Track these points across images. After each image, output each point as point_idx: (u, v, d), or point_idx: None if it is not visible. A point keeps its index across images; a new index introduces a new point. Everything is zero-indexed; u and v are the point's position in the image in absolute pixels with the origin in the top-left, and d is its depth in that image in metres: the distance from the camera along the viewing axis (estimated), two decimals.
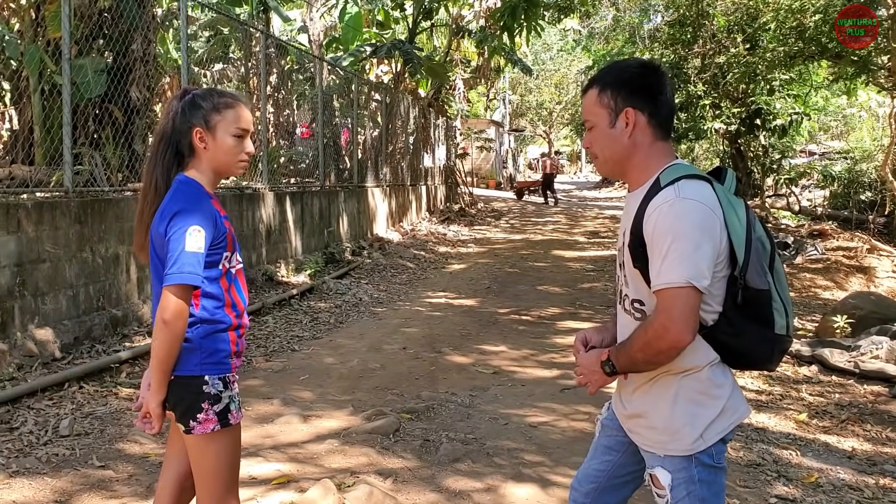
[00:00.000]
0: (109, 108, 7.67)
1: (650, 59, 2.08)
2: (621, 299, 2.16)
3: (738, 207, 1.97)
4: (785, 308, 1.99)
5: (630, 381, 2.12)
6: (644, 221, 1.95)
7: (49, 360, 5.55)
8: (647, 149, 2.05)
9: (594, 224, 20.33)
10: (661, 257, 1.89)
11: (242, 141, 2.38)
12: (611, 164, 2.12)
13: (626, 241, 2.07)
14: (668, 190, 1.93)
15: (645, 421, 2.09)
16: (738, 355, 2.01)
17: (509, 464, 4.15)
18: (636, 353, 1.96)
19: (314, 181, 12.76)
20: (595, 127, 2.09)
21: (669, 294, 1.88)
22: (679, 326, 1.86)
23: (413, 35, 19.22)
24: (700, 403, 2.01)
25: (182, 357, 2.30)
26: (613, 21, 25.35)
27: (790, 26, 13.23)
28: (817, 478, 4.12)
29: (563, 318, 8.45)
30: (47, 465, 4.00)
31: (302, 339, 7.21)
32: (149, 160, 2.41)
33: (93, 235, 6.21)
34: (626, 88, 2.02)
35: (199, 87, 2.44)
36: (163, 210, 2.29)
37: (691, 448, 2.00)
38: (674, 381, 2.02)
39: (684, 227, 1.88)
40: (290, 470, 4.00)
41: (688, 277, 1.85)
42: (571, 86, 49.64)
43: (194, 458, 2.41)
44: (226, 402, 2.34)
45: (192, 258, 2.21)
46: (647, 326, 1.94)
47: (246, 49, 12.34)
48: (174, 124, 2.36)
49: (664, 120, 2.05)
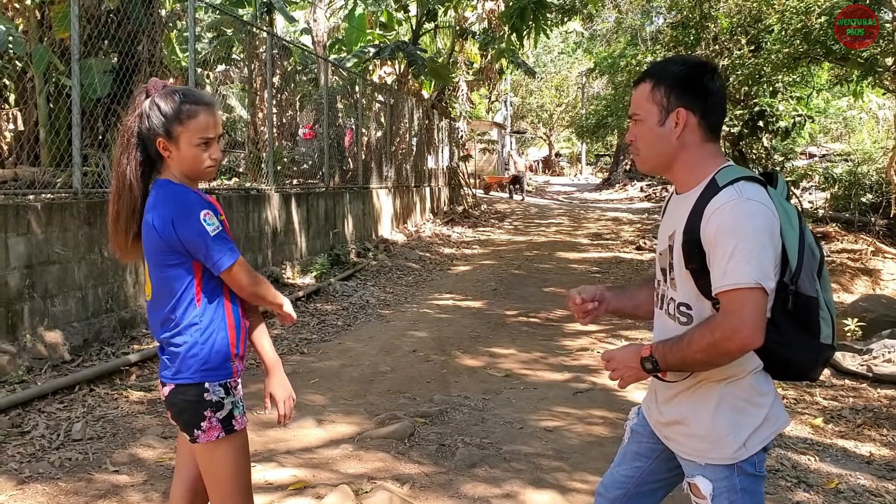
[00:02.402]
0: (115, 108, 7.63)
1: (706, 58, 2.03)
2: (663, 304, 2.11)
3: (791, 213, 1.94)
4: (831, 317, 1.95)
5: (667, 386, 2.08)
6: (703, 222, 1.90)
7: (58, 362, 5.51)
8: (696, 150, 2.00)
9: (597, 226, 20.28)
10: (727, 258, 1.83)
11: (208, 148, 2.29)
12: (654, 161, 2.07)
13: (673, 243, 2.02)
14: (728, 190, 1.89)
15: (684, 428, 2.05)
16: (782, 363, 1.96)
17: (527, 469, 4.11)
18: (695, 354, 1.89)
19: (318, 182, 12.73)
20: (643, 122, 2.04)
21: (739, 295, 1.82)
22: (750, 329, 1.81)
23: (417, 37, 19.19)
24: (743, 411, 1.97)
25: (180, 364, 2.27)
26: (615, 23, 25.37)
27: (795, 28, 13.19)
28: (837, 483, 4.07)
29: (570, 320, 8.39)
30: (60, 470, 3.96)
31: (310, 341, 7.17)
32: (117, 158, 2.31)
33: (101, 237, 6.17)
34: (680, 87, 1.98)
35: (164, 85, 2.31)
36: (156, 217, 2.23)
37: (734, 457, 1.96)
38: (716, 388, 1.98)
39: (749, 227, 1.83)
40: (305, 475, 3.96)
41: (757, 278, 1.81)
42: (572, 88, 49.70)
43: (204, 466, 2.38)
44: (229, 409, 2.31)
45: (220, 238, 2.24)
46: (712, 327, 1.86)
47: (250, 50, 12.32)
48: (140, 124, 2.28)
49: (715, 121, 2.01)
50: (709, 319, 1.92)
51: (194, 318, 2.28)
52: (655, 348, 1.98)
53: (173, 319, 2.29)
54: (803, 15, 12.88)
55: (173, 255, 2.26)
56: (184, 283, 2.28)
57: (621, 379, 2.09)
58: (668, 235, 2.07)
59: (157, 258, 2.28)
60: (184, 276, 2.28)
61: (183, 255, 2.25)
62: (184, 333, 2.28)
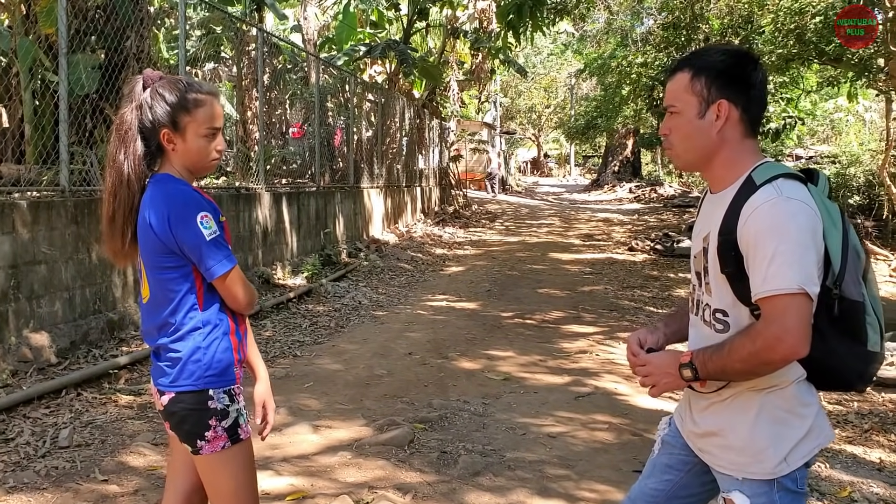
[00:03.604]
0: (102, 105, 7.45)
1: (748, 49, 1.88)
2: (699, 310, 1.98)
3: (834, 212, 1.81)
4: (879, 322, 1.83)
5: (703, 396, 1.95)
6: (739, 223, 1.77)
7: (45, 365, 5.34)
8: (736, 146, 1.87)
9: (588, 227, 20.20)
10: (767, 261, 1.70)
11: (214, 139, 2.18)
12: (690, 156, 1.93)
13: (707, 245, 1.89)
14: (767, 189, 1.75)
15: (721, 440, 1.92)
16: (827, 373, 1.83)
17: (533, 477, 3.98)
18: (735, 363, 1.77)
19: (308, 181, 12.56)
20: (680, 114, 1.90)
21: (782, 301, 1.69)
22: (795, 337, 1.68)
23: (408, 35, 19.04)
24: (785, 423, 1.84)
25: (181, 370, 2.14)
26: (606, 24, 25.32)
27: (789, 28, 13.16)
28: (851, 492, 3.97)
29: (566, 321, 8.29)
30: (47, 480, 3.79)
31: (303, 344, 7.02)
32: (112, 153, 2.16)
33: (89, 236, 6.00)
34: (723, 78, 1.84)
35: (164, 75, 2.20)
36: (153, 215, 2.10)
37: (774, 472, 1.83)
38: (756, 398, 1.85)
39: (791, 228, 1.70)
40: (303, 485, 3.81)
41: (800, 282, 1.68)
42: (561, 89, 49.71)
43: (208, 480, 2.23)
44: (234, 417, 2.18)
45: (216, 243, 2.11)
46: (753, 336, 1.74)
47: (239, 48, 12.14)
48: (139, 116, 2.15)
49: (756, 116, 1.88)
50: (749, 328, 1.79)
51: (197, 322, 2.15)
52: (696, 356, 1.85)
53: (173, 324, 2.15)
54: (797, 15, 12.84)
55: (172, 256, 2.12)
56: (185, 285, 2.15)
57: (656, 386, 1.95)
58: (703, 237, 1.94)
59: (154, 259, 2.14)
60: (185, 278, 2.14)
61: (181, 257, 2.12)
62: (185, 339, 2.14)
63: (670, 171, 43.85)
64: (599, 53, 27.86)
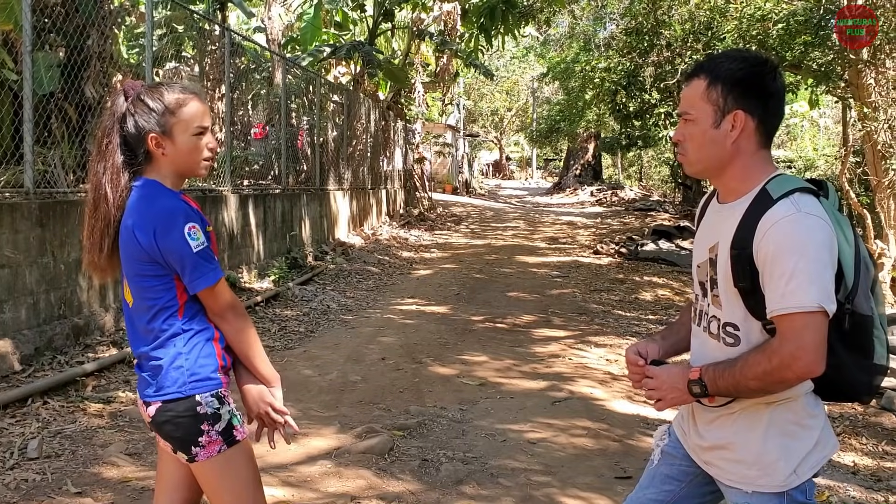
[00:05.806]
0: (63, 105, 7.25)
1: (768, 56, 1.86)
2: (704, 322, 1.97)
3: (845, 225, 1.81)
4: (885, 336, 1.84)
5: (710, 409, 1.93)
6: (756, 238, 1.75)
7: (8, 372, 5.17)
8: (750, 157, 1.85)
9: (553, 230, 20.30)
10: (786, 278, 1.69)
11: (203, 137, 2.14)
12: (703, 165, 1.90)
13: (715, 256, 1.87)
14: (784, 203, 1.74)
15: (729, 453, 1.91)
16: (834, 385, 1.83)
17: (516, 485, 3.95)
18: (749, 381, 1.75)
19: (271, 183, 12.39)
20: (694, 123, 1.87)
21: (800, 319, 1.69)
22: (812, 356, 1.68)
23: (373, 37, 18.93)
24: (794, 435, 1.83)
25: (163, 378, 2.08)
26: (569, 28, 25.48)
27: (751, 35, 13.35)
28: (828, 496, 4.02)
29: (537, 325, 8.30)
30: (17, 493, 3.66)
31: (273, 349, 6.90)
32: (93, 167, 2.12)
33: (54, 239, 5.82)
34: (740, 87, 1.81)
35: (144, 83, 2.17)
36: (137, 224, 2.05)
37: (784, 484, 1.83)
38: (765, 411, 1.84)
39: (810, 245, 1.69)
40: (285, 496, 3.74)
41: (819, 300, 1.67)
42: (523, 93, 49.93)
43: (209, 488, 2.17)
44: (227, 419, 2.13)
45: (203, 255, 2.06)
46: (769, 354, 1.73)
47: (201, 47, 11.93)
48: (122, 127, 2.11)
49: (773, 127, 1.86)
50: (764, 345, 1.77)
51: (177, 328, 2.10)
52: (705, 371, 1.83)
53: (152, 331, 2.10)
54: (759, 22, 13.04)
55: (153, 265, 2.07)
56: (165, 292, 2.09)
57: (662, 400, 1.94)
58: (709, 247, 1.92)
59: (136, 267, 2.08)
60: (165, 285, 2.09)
61: (164, 266, 2.07)
62: (166, 346, 2.09)
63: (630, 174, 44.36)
64: (562, 58, 28.04)
